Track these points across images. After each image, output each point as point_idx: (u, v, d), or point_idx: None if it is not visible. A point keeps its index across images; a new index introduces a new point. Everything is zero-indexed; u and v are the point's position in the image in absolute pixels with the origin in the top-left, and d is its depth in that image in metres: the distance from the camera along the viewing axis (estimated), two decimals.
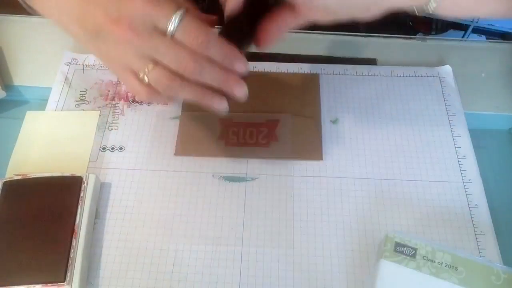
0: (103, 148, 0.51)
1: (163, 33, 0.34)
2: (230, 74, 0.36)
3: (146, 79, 0.35)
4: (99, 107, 0.53)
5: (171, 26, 0.33)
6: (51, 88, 0.54)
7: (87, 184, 0.45)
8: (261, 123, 0.52)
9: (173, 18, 0.33)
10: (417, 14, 0.37)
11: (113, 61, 0.36)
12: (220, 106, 0.38)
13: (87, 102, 0.53)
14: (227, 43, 0.36)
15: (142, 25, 0.33)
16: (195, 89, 0.36)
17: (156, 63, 0.34)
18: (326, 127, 0.52)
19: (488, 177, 0.49)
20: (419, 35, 0.73)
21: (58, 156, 0.49)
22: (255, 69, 0.57)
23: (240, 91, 0.37)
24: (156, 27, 0.34)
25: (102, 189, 0.47)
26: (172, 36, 0.34)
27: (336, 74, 0.56)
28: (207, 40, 0.34)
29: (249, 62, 0.56)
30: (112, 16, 0.33)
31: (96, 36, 0.35)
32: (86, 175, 0.46)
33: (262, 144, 0.51)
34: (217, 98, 0.37)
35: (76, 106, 0.53)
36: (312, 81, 0.56)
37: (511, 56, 0.60)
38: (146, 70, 0.34)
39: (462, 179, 0.49)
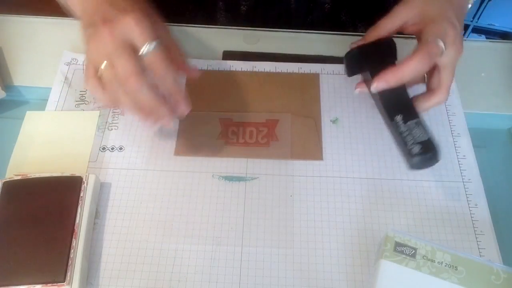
0: (103, 148, 0.51)
1: (135, 49, 0.39)
2: (164, 107, 0.41)
3: (99, 72, 0.40)
4: (99, 107, 0.53)
5: (144, 50, 0.39)
6: (51, 88, 0.54)
7: (87, 184, 0.45)
8: (261, 122, 0.52)
9: (147, 46, 0.39)
10: None
11: (89, 51, 0.41)
12: (151, 127, 0.44)
13: (87, 102, 0.53)
14: (177, 87, 0.41)
15: (122, 35, 0.39)
16: (133, 102, 0.40)
17: (112, 65, 0.39)
18: (326, 127, 0.52)
19: (488, 177, 0.49)
20: None
21: (58, 156, 0.49)
22: (255, 69, 0.57)
23: (166, 125, 0.42)
24: (131, 43, 0.39)
25: (102, 189, 0.48)
26: (141, 58, 0.39)
27: (336, 74, 0.56)
28: (162, 75, 0.40)
29: (249, 62, 0.57)
30: (107, 18, 0.39)
31: (88, 26, 0.41)
32: (86, 175, 0.46)
33: (262, 144, 0.51)
34: (151, 120, 0.41)
35: (76, 106, 0.53)
36: (312, 81, 0.56)
37: (511, 56, 0.60)
38: (102, 66, 0.39)
39: (462, 179, 0.49)
